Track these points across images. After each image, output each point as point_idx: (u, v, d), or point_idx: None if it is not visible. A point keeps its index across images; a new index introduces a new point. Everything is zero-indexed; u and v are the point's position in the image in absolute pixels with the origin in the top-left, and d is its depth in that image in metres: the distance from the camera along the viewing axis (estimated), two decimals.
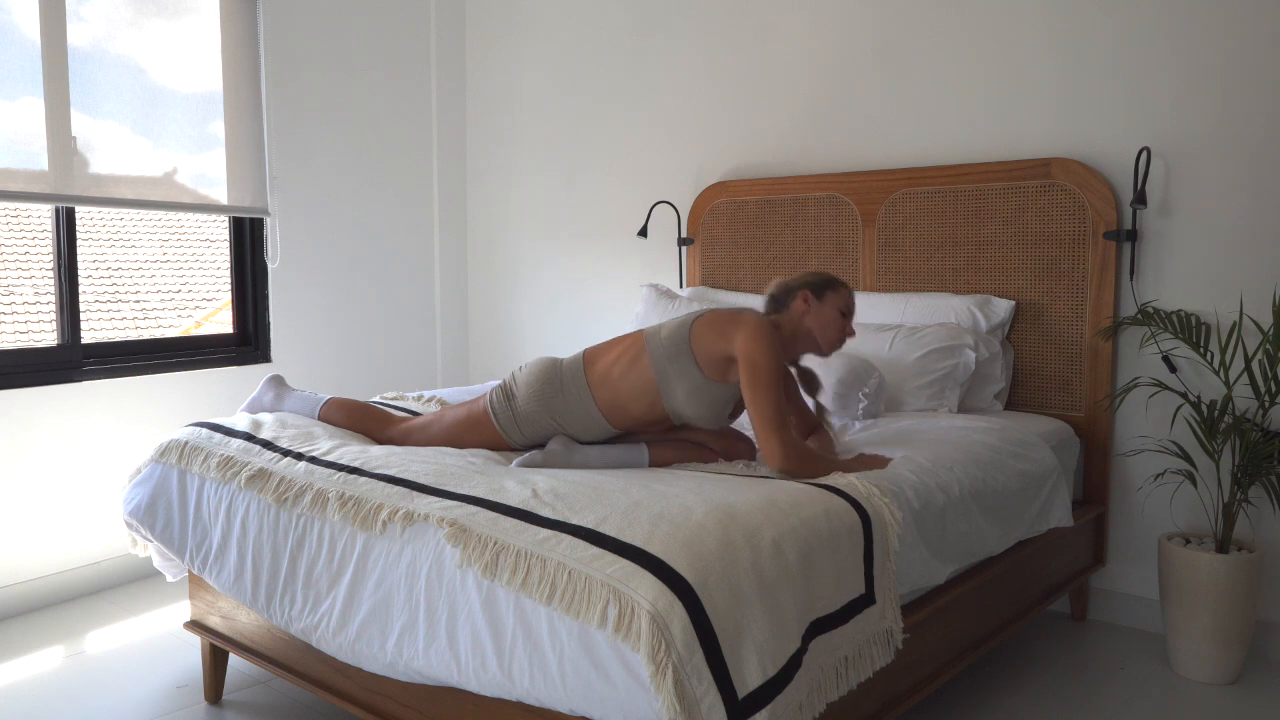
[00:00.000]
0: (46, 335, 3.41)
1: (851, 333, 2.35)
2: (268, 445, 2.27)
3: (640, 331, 2.33)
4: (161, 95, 3.50)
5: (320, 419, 2.50)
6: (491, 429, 2.34)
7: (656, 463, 2.25)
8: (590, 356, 2.34)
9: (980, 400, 2.96)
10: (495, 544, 1.67)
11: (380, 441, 2.43)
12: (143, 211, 3.97)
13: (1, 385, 3.08)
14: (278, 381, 2.69)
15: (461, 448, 2.32)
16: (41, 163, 3.16)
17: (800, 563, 1.66)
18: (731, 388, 2.22)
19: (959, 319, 3.01)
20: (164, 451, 2.41)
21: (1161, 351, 2.83)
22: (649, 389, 2.23)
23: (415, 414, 2.68)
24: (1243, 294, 2.72)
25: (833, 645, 1.70)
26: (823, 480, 1.96)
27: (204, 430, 2.41)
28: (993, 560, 2.38)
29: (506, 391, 2.35)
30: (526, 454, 2.22)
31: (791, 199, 3.51)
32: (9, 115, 3.09)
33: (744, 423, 2.76)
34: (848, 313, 2.34)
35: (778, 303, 2.36)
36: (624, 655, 1.47)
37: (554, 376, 2.32)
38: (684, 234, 3.83)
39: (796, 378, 2.43)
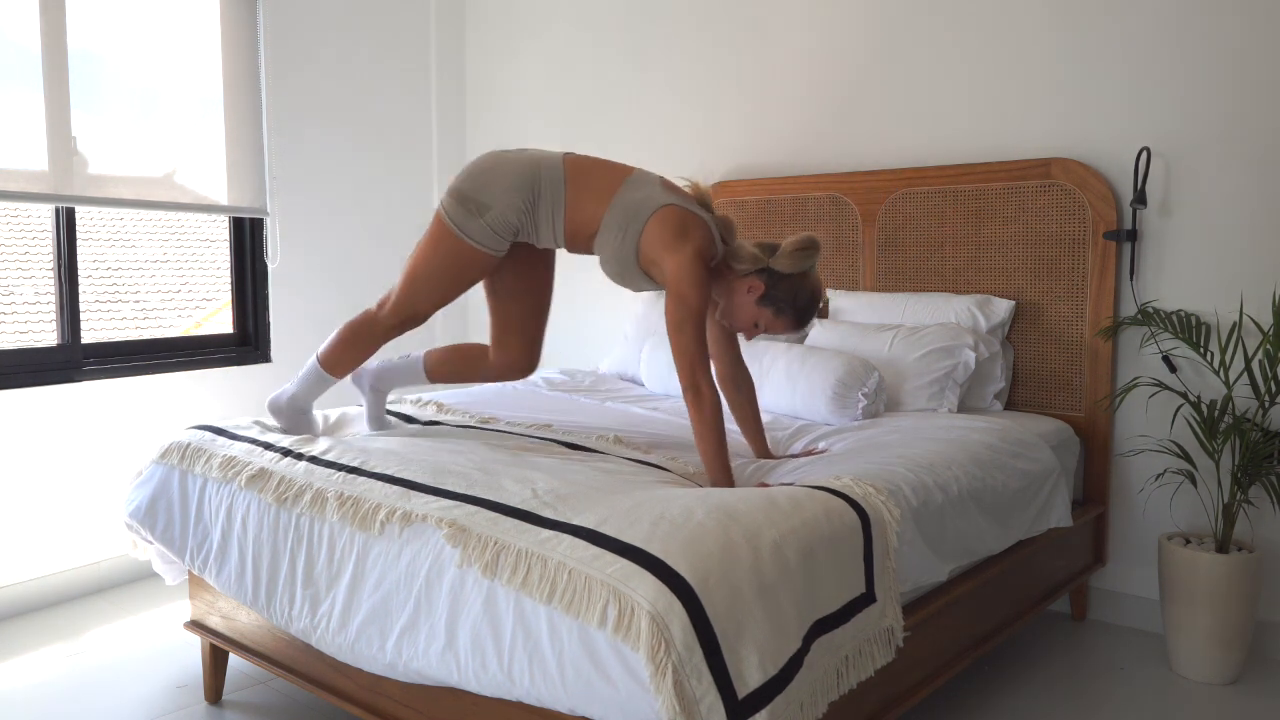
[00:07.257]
0: (46, 335, 3.41)
1: (750, 336, 2.29)
2: (269, 446, 2.28)
3: (626, 172, 2.28)
4: (161, 95, 3.50)
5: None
6: (456, 243, 2.31)
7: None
8: (572, 173, 2.29)
9: (980, 400, 2.96)
10: (495, 544, 1.67)
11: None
12: (143, 211, 3.96)
13: (1, 385, 3.09)
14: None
15: (430, 274, 2.38)
16: (41, 163, 3.16)
17: (801, 563, 1.66)
18: (652, 281, 2.28)
19: (959, 319, 3.01)
20: (166, 453, 2.41)
21: (1161, 351, 2.83)
22: (593, 224, 2.26)
23: (414, 419, 2.69)
24: (1243, 294, 2.72)
25: (834, 644, 1.70)
26: (820, 481, 1.96)
27: (207, 433, 2.42)
28: (993, 560, 2.38)
29: (465, 202, 2.27)
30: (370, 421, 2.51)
31: (792, 199, 3.51)
32: (9, 115, 3.09)
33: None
34: (771, 330, 2.26)
35: (740, 258, 2.22)
36: (624, 655, 1.47)
37: (533, 184, 2.26)
38: None
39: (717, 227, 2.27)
